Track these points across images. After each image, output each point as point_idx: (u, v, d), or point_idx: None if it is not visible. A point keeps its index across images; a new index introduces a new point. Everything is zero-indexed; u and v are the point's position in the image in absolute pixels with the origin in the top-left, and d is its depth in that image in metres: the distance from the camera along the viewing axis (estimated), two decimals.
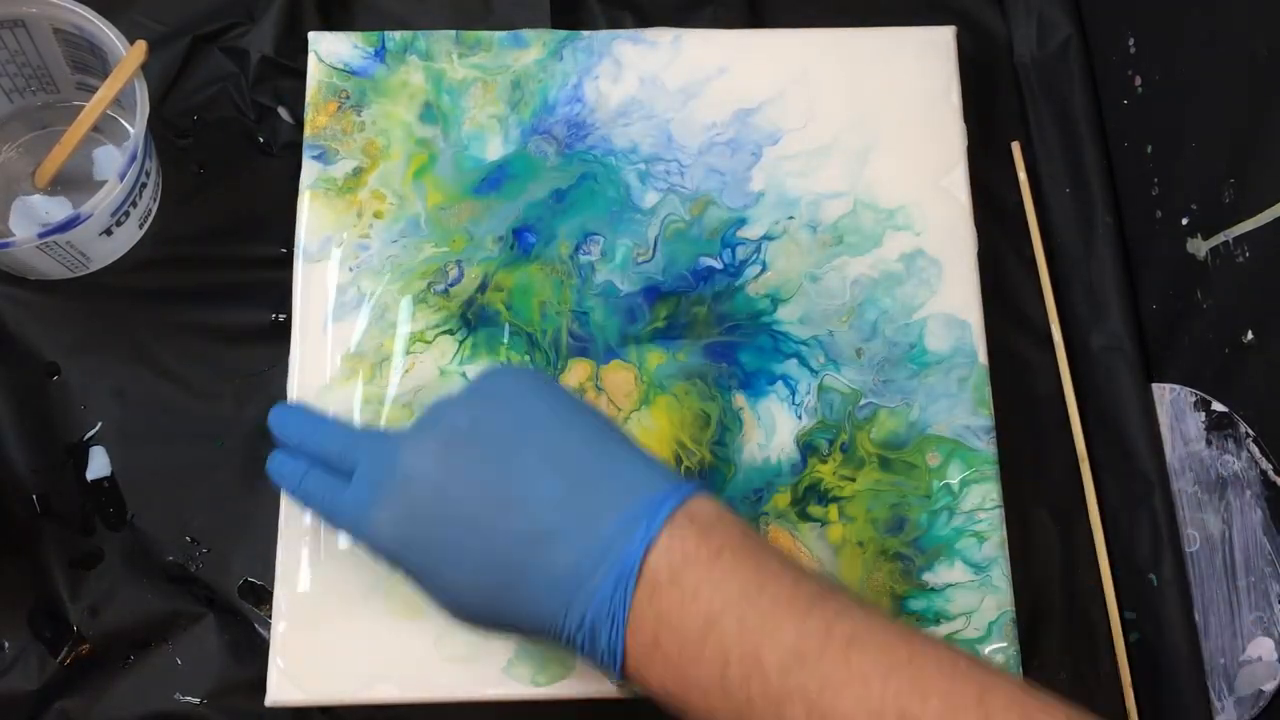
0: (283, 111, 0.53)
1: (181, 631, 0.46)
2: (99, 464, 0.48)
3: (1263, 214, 0.41)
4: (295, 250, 0.49)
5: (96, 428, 0.48)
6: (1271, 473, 0.42)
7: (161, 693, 0.46)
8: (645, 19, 0.55)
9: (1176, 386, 0.47)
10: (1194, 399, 0.46)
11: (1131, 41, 0.50)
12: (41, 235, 0.44)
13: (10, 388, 0.48)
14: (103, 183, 0.45)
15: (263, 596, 0.47)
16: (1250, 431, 0.43)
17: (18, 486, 0.47)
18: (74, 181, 0.51)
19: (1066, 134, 0.53)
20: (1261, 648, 0.42)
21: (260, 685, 0.45)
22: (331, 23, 0.54)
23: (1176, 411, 0.47)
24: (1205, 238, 0.45)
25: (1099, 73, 0.53)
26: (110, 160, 0.51)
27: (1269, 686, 0.42)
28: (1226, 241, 0.43)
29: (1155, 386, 0.48)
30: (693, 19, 0.54)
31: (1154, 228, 0.48)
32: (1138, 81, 0.50)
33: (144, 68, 0.47)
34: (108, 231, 0.48)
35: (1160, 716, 0.46)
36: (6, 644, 0.46)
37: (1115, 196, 0.51)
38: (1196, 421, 0.46)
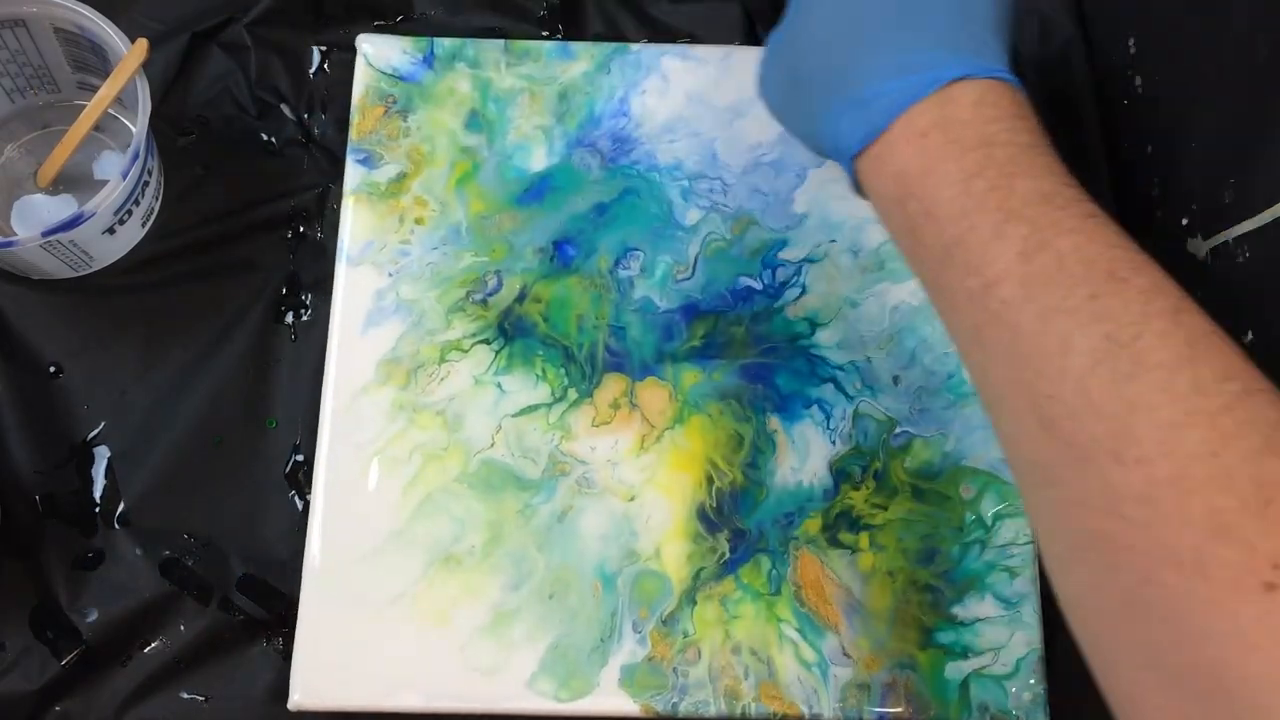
0: (285, 109, 0.53)
1: (184, 631, 0.46)
2: (102, 464, 0.48)
3: (1263, 214, 0.41)
4: (337, 254, 0.49)
5: (100, 428, 0.48)
6: None
7: (164, 692, 0.46)
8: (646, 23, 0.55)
9: None
10: None
11: (1131, 41, 0.50)
12: (45, 234, 0.44)
13: (13, 388, 0.48)
14: (105, 182, 0.45)
15: (265, 595, 0.47)
16: None
17: (20, 487, 0.47)
18: (76, 181, 0.51)
19: (1067, 134, 0.53)
20: None
21: (263, 682, 0.46)
22: (330, 15, 0.54)
23: None
24: (1205, 238, 0.45)
25: (1099, 73, 0.53)
26: (112, 159, 0.51)
27: None
28: (1226, 241, 0.43)
29: None
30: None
31: (1154, 228, 0.49)
32: (1138, 81, 0.50)
33: (145, 66, 0.47)
34: (110, 230, 0.48)
35: None
36: (7, 645, 0.46)
37: (1115, 196, 0.52)
38: None
